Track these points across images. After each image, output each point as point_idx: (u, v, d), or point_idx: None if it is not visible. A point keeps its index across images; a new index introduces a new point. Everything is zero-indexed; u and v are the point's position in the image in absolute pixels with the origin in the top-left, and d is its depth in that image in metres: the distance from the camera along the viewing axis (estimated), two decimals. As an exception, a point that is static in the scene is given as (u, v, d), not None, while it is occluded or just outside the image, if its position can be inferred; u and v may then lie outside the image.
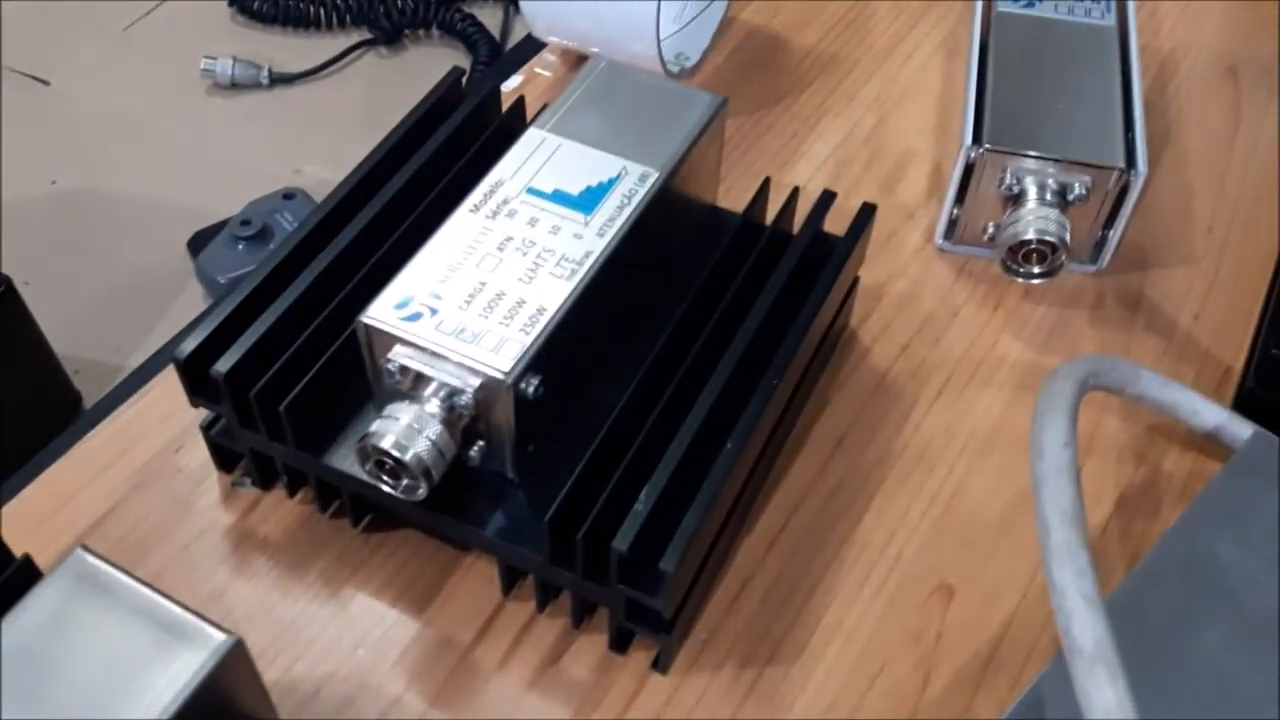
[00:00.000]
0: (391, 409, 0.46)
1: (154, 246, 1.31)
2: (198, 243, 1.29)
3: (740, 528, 0.53)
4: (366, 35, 1.54)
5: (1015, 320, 0.62)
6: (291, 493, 0.54)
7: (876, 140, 0.72)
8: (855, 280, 0.59)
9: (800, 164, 0.70)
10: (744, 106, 0.74)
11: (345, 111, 1.50)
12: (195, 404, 0.52)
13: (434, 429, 0.46)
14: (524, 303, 0.47)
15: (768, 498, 0.54)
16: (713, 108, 0.55)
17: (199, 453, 0.55)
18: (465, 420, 0.47)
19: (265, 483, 0.54)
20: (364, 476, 0.48)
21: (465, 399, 0.46)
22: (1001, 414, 0.58)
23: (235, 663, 0.39)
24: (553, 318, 0.46)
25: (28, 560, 0.44)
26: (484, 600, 0.51)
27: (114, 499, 0.54)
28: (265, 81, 1.51)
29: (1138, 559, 0.52)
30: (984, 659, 0.49)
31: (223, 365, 0.49)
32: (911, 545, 0.53)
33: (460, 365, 0.45)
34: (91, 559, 0.40)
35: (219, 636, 0.38)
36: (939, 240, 0.65)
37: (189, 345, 0.50)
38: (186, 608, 0.39)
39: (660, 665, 0.49)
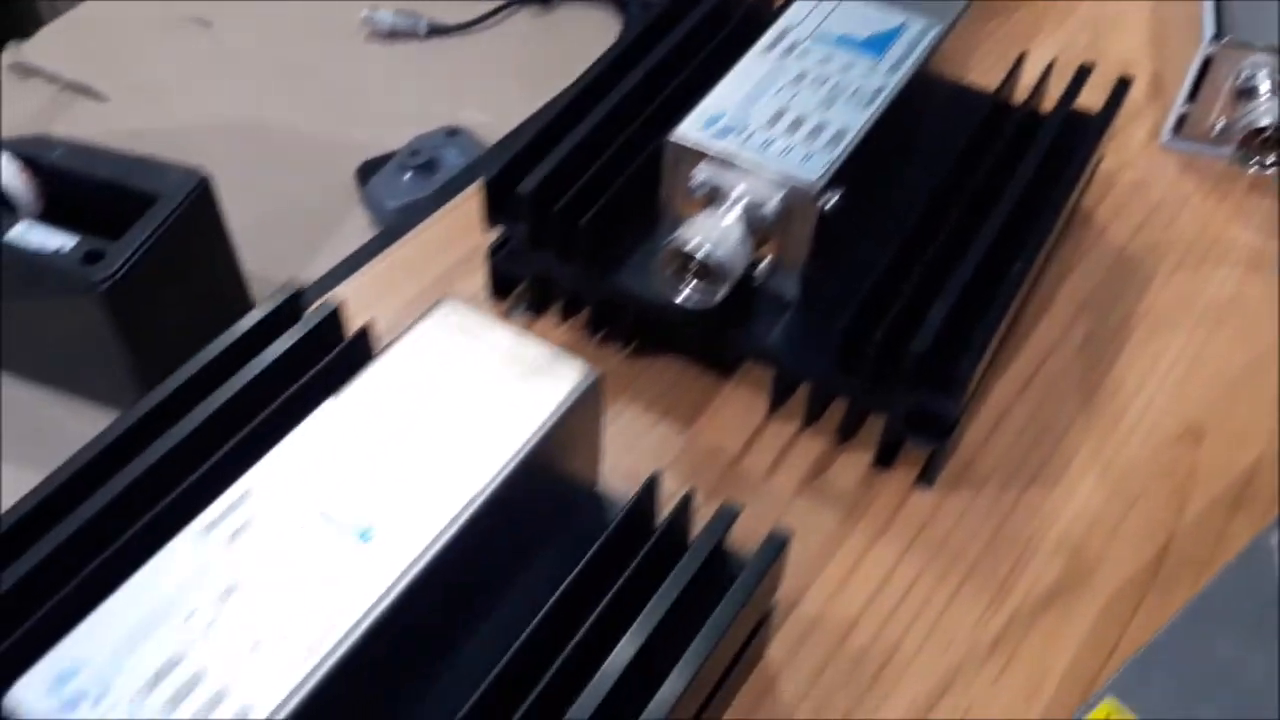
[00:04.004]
0: (697, 218, 0.50)
1: (319, 177, 1.37)
2: (366, 171, 1.35)
3: (993, 365, 0.57)
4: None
5: (1243, 210, 0.65)
6: (565, 317, 0.59)
7: (1093, 53, 0.76)
8: (1101, 157, 0.62)
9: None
10: (962, 17, 0.78)
11: (499, 65, 1.55)
12: (493, 223, 0.56)
13: (737, 234, 0.50)
14: (825, 126, 0.51)
15: (1017, 348, 0.58)
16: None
17: (472, 283, 0.60)
18: (761, 235, 0.51)
19: (539, 308, 0.59)
20: (649, 295, 0.53)
21: (770, 208, 0.50)
22: (1236, 288, 0.61)
23: (594, 395, 0.43)
24: (853, 139, 0.51)
25: (363, 331, 0.49)
26: (747, 419, 0.56)
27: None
28: (422, 32, 1.57)
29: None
30: (1237, 490, 0.53)
31: (528, 184, 0.54)
32: (1161, 394, 0.56)
33: (767, 176, 0.50)
34: (460, 305, 0.45)
35: (583, 369, 0.43)
36: (1166, 137, 0.68)
37: (495, 167, 0.55)
38: (551, 346, 0.44)
39: (928, 476, 0.53)
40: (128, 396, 1.13)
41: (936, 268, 0.52)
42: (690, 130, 0.51)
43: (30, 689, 0.35)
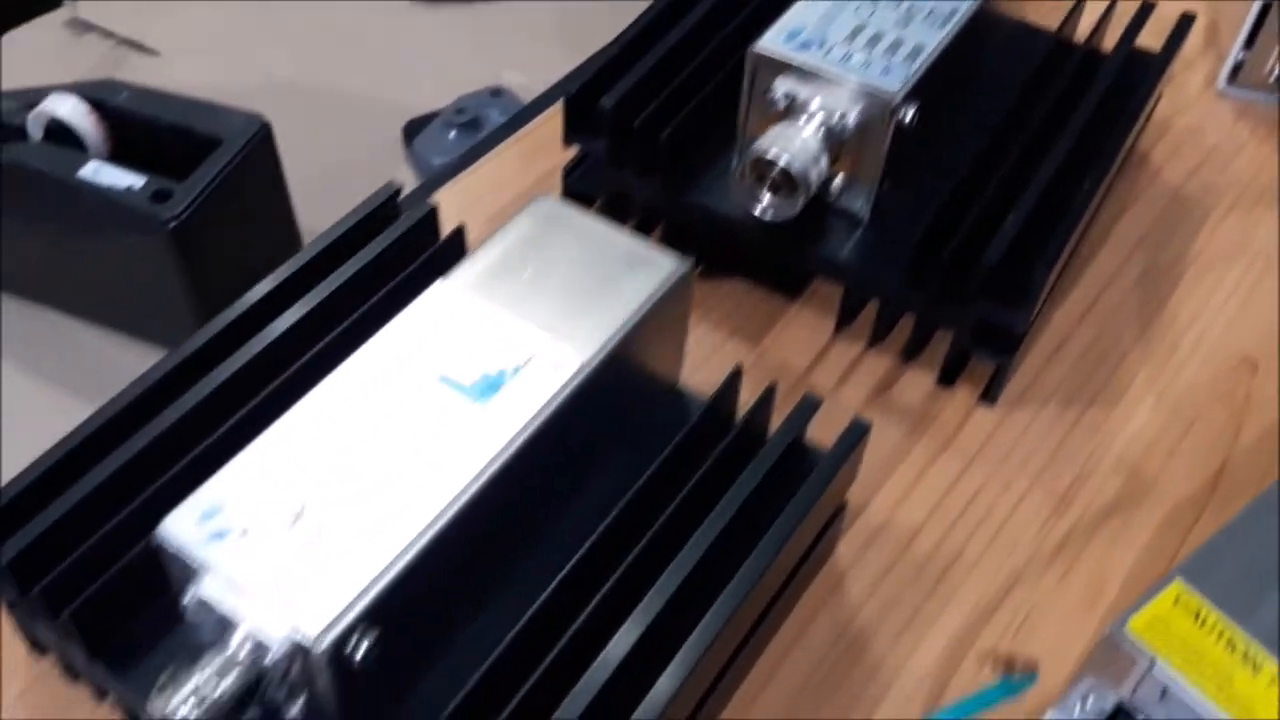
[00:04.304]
0: (777, 128, 0.50)
1: (366, 135, 1.38)
2: (412, 130, 1.35)
3: (1052, 295, 0.56)
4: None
5: (1298, 157, 0.65)
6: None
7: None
8: (1160, 95, 0.62)
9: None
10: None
11: (540, 28, 1.56)
12: (570, 142, 0.57)
13: (816, 146, 0.50)
14: (902, 42, 0.51)
15: (1075, 280, 0.58)
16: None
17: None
18: (835, 151, 0.51)
19: (612, 229, 0.59)
20: (727, 211, 0.53)
21: (850, 119, 0.50)
22: (1293, 230, 0.61)
23: (686, 285, 0.44)
24: (929, 56, 0.51)
25: (459, 230, 0.50)
26: (814, 339, 0.56)
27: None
28: (467, -6, 1.58)
29: None
30: (1294, 417, 0.53)
31: (609, 99, 0.54)
32: (1215, 325, 0.56)
33: (848, 87, 0.50)
34: (555, 200, 0.46)
35: (676, 260, 0.43)
36: (1221, 84, 0.68)
37: (575, 84, 0.55)
38: (645, 240, 0.44)
39: (991, 393, 0.53)
40: (187, 338, 1.13)
41: (1005, 190, 0.52)
42: (772, 42, 0.51)
43: (179, 522, 0.36)
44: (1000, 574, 0.47)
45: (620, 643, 0.37)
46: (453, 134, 1.33)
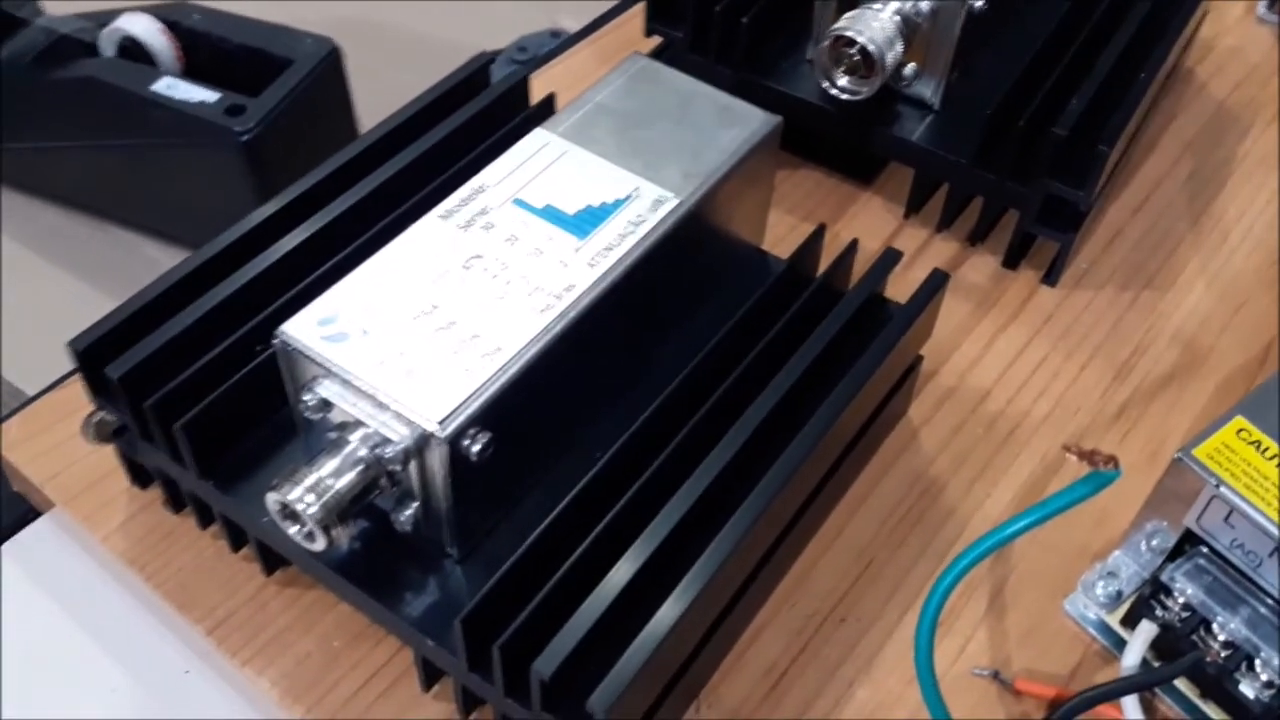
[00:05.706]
0: (856, 12, 0.50)
1: (429, 70, 1.37)
2: (472, 66, 1.35)
3: (1107, 190, 0.56)
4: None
5: (1334, 78, 0.64)
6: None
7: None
8: (1205, 14, 0.61)
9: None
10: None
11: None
12: (651, 31, 0.56)
13: (893, 29, 0.49)
14: (984, -63, 0.50)
15: (1129, 179, 0.58)
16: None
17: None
18: (908, 39, 0.50)
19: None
20: (804, 95, 0.52)
21: (924, 5, 0.49)
22: (1332, 141, 0.60)
23: (774, 139, 0.43)
24: None
25: (551, 97, 0.49)
26: (883, 225, 0.56)
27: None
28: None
29: None
30: (1334, 309, 0.52)
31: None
32: (1260, 222, 0.56)
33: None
34: (647, 58, 0.45)
35: (764, 114, 0.43)
36: (1261, 11, 0.67)
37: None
38: (735, 98, 0.43)
39: (1054, 274, 0.52)
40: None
41: (1069, 77, 0.51)
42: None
43: (299, 325, 0.36)
44: (1065, 432, 0.47)
45: (706, 471, 0.37)
46: (513, 71, 1.32)
